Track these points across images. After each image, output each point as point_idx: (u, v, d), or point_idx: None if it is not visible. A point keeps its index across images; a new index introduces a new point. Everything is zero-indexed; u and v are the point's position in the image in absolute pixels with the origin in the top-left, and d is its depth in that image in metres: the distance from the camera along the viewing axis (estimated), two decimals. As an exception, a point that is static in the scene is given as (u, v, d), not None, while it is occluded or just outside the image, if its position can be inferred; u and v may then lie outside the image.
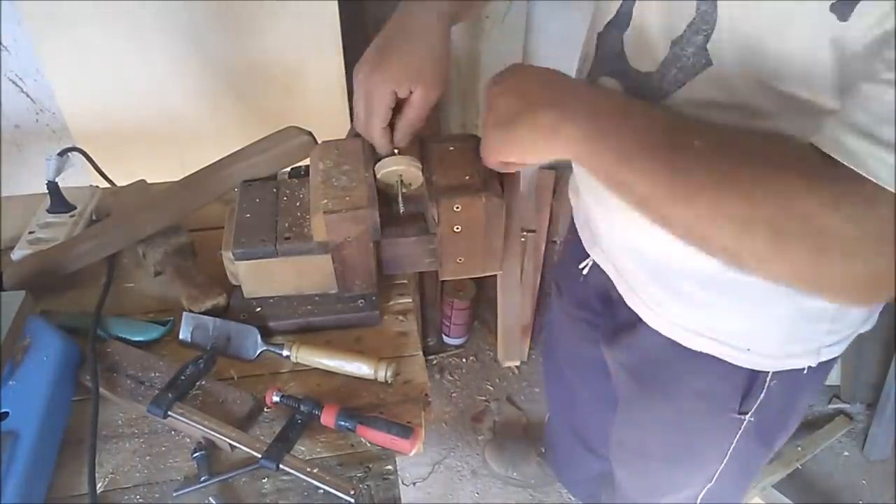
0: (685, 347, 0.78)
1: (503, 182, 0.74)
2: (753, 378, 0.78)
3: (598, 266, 0.90)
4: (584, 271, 0.95)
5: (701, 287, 0.73)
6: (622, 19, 0.68)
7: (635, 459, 1.03)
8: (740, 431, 0.84)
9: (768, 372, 0.77)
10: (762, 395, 0.79)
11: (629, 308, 0.84)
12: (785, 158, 0.50)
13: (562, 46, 1.02)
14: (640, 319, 0.82)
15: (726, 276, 0.69)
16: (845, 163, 0.46)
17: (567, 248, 1.05)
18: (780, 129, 0.57)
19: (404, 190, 0.76)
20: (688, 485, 0.96)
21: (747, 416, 0.82)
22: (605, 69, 0.71)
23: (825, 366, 0.79)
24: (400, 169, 0.75)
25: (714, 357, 0.77)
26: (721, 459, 0.89)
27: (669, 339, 0.79)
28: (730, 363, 0.77)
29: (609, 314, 0.92)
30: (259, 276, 0.79)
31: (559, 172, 1.84)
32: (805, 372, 0.77)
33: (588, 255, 0.92)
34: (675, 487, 0.99)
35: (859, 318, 0.76)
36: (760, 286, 0.67)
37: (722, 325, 0.75)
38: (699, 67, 0.59)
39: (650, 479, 1.02)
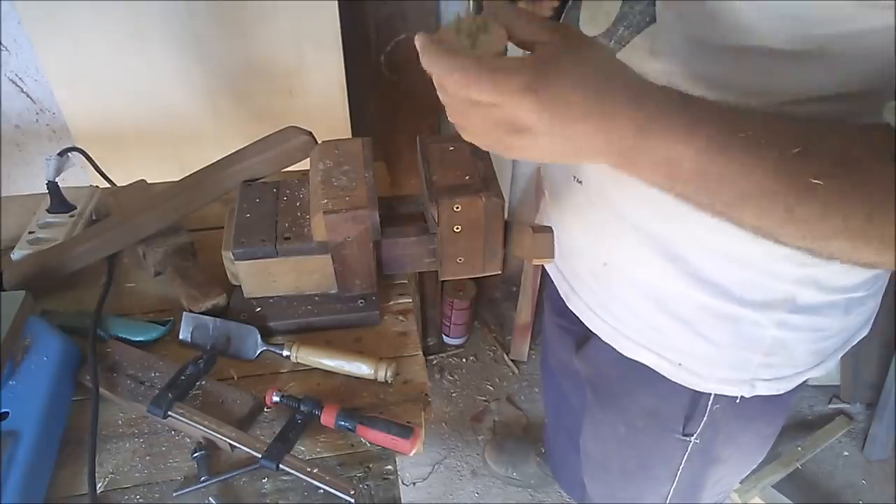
0: (629, 360, 0.77)
1: None
2: (696, 400, 0.77)
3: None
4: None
5: (640, 294, 0.72)
6: None
7: (598, 472, 1.03)
8: (686, 453, 0.84)
9: (710, 395, 0.76)
10: (705, 418, 0.78)
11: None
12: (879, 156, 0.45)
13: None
14: (595, 334, 0.81)
15: (663, 290, 0.69)
16: None
17: None
18: (723, 87, 0.54)
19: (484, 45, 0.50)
20: (645, 501, 0.96)
21: (692, 439, 0.81)
22: None
23: (774, 402, 0.77)
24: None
25: (656, 373, 0.76)
26: (672, 480, 0.88)
27: (614, 350, 0.79)
28: (670, 381, 0.76)
29: (577, 324, 0.91)
30: (259, 276, 0.79)
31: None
32: (743, 401, 0.75)
33: None
34: None
35: (801, 360, 0.74)
36: (697, 306, 0.68)
37: (658, 336, 0.74)
38: (643, 25, 0.58)
39: (611, 493, 1.02)
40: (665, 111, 0.45)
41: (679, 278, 0.67)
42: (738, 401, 0.75)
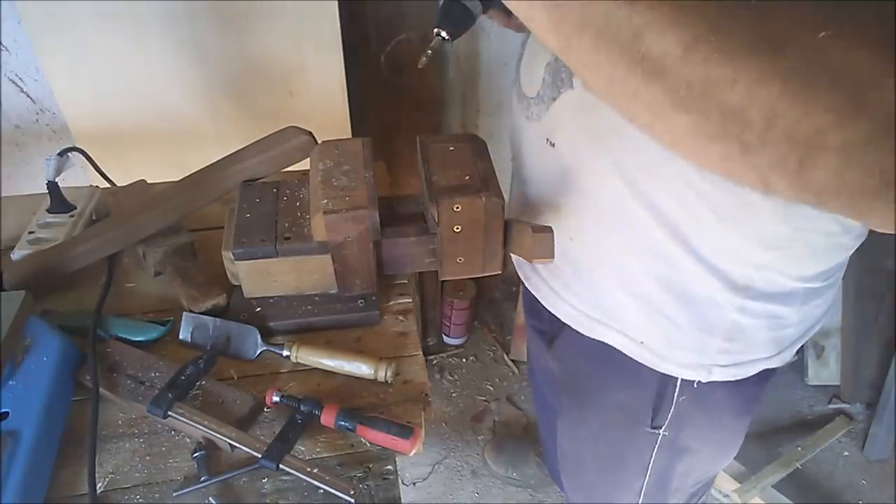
0: (596, 347, 0.78)
1: None
2: (662, 391, 0.79)
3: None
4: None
5: (604, 272, 0.73)
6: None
7: (575, 470, 1.04)
8: (656, 446, 0.85)
9: (676, 385, 0.77)
10: (672, 409, 0.80)
11: (554, 316, 0.84)
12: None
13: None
14: (564, 326, 0.82)
15: (628, 267, 0.71)
16: None
17: None
18: None
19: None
20: (620, 500, 0.97)
21: (661, 431, 0.83)
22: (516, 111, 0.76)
23: (737, 393, 0.78)
24: None
25: (622, 360, 0.77)
26: (644, 474, 0.89)
27: (582, 337, 0.79)
28: (636, 367, 0.77)
29: (548, 321, 0.92)
30: (259, 276, 0.79)
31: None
32: (696, 387, 0.77)
33: None
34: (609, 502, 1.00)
35: (759, 346, 0.75)
36: (657, 283, 0.70)
37: (621, 314, 0.75)
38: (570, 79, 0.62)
39: (588, 492, 1.03)
40: None
41: (642, 255, 0.69)
42: (695, 385, 0.77)
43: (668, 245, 0.67)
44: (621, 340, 0.77)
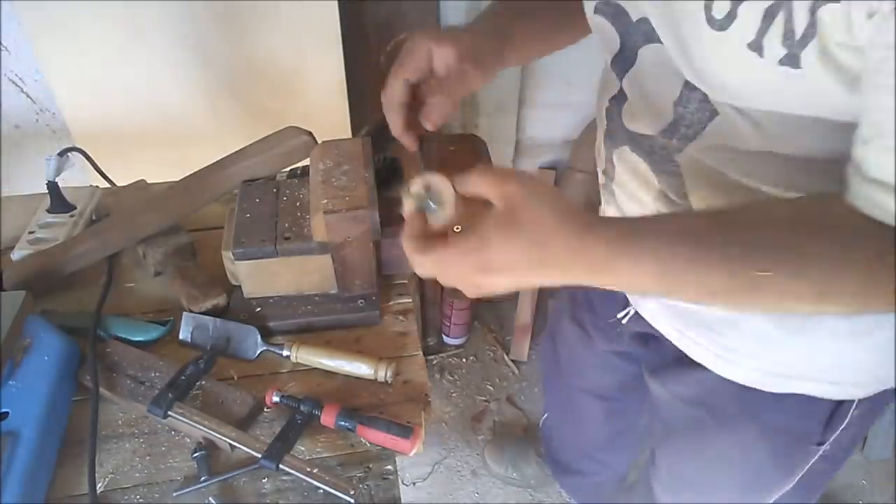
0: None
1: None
2: (836, 408, 0.76)
3: (639, 314, 0.86)
4: (624, 320, 0.92)
5: (776, 326, 0.70)
6: (621, 94, 0.69)
7: (690, 490, 1.00)
8: (814, 459, 0.82)
9: (853, 401, 0.75)
10: (844, 423, 0.77)
11: (672, 348, 0.81)
12: (849, 239, 0.48)
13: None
14: (692, 361, 0.79)
15: (803, 317, 0.68)
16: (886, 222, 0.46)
17: (594, 294, 1.01)
18: (795, 155, 0.57)
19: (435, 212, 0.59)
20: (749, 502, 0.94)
21: (823, 447, 0.79)
22: (618, 140, 0.72)
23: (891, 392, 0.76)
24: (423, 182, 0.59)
25: (796, 394, 0.74)
26: (787, 485, 0.87)
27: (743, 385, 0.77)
28: (815, 397, 0.74)
29: (654, 350, 0.89)
30: (259, 276, 0.79)
31: (559, 172, 1.84)
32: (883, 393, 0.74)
33: (629, 304, 0.88)
34: None
35: None
36: (844, 322, 0.67)
37: (806, 362, 0.72)
38: (705, 120, 0.60)
39: (705, 498, 0.98)
40: (610, 254, 0.50)
41: None
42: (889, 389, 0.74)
43: None
44: (809, 386, 0.73)
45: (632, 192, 0.73)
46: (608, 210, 0.80)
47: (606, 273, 0.51)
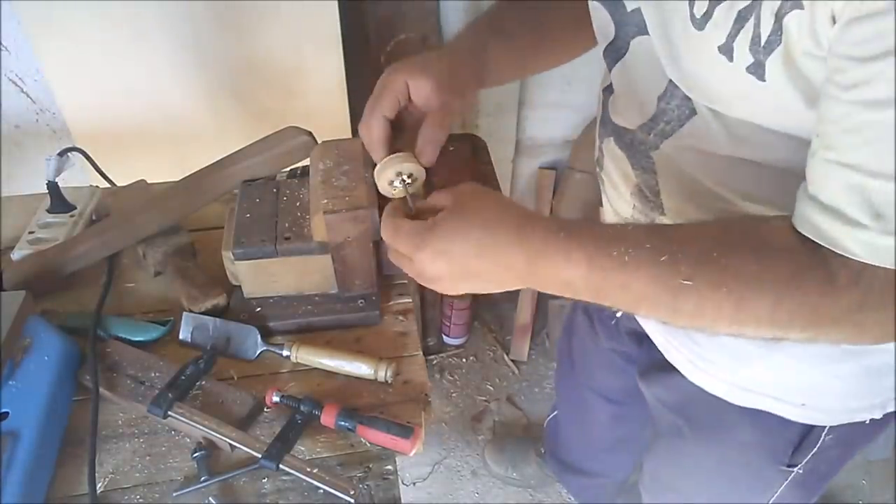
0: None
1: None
2: (807, 432, 0.75)
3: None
4: (618, 313, 0.93)
5: (749, 342, 0.70)
6: (611, 87, 0.70)
7: (668, 495, 1.00)
8: (786, 482, 0.82)
9: (824, 427, 0.75)
10: (815, 448, 0.77)
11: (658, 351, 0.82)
12: (771, 255, 0.50)
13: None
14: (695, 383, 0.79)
15: None
16: (824, 245, 0.47)
17: None
18: (767, 167, 0.57)
19: (410, 189, 0.66)
20: None
21: (796, 469, 0.79)
22: (605, 131, 0.73)
23: (888, 417, 0.75)
24: (400, 168, 0.66)
25: (765, 412, 0.74)
26: None
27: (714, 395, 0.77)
28: (784, 418, 0.74)
29: (645, 351, 0.89)
30: (259, 276, 0.79)
31: (559, 172, 1.84)
32: (867, 423, 0.74)
33: None
34: None
35: None
36: (817, 346, 0.66)
37: (775, 381, 0.72)
38: (684, 118, 0.61)
39: None
40: (545, 244, 0.53)
41: None
42: (866, 422, 0.74)
43: None
44: (777, 405, 0.73)
45: (615, 182, 0.74)
46: (605, 204, 0.81)
47: (540, 263, 0.53)
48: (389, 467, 0.68)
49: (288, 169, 0.89)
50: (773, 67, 0.48)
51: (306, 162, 0.86)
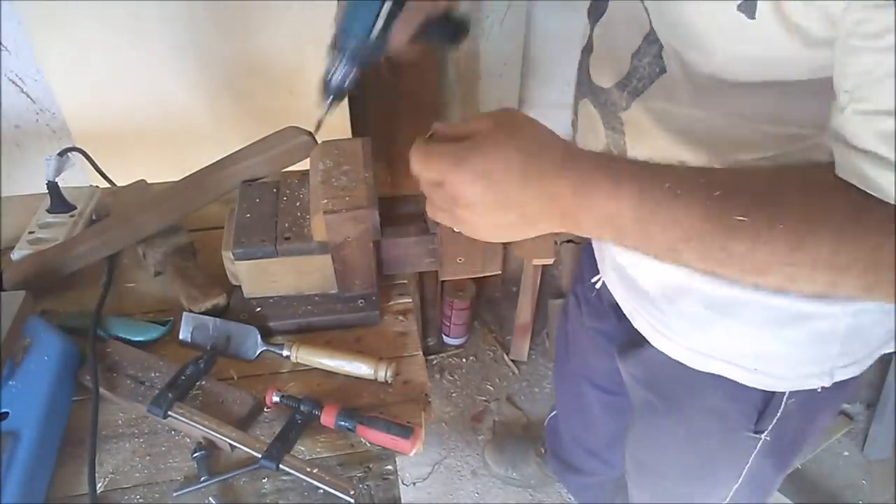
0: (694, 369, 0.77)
1: None
2: (769, 396, 0.77)
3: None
4: (597, 285, 0.94)
5: (706, 307, 0.72)
6: (589, 44, 0.71)
7: (649, 477, 1.02)
8: (756, 451, 0.83)
9: (784, 392, 0.76)
10: (779, 413, 0.78)
11: (632, 326, 0.83)
12: (828, 193, 0.48)
13: (562, 46, 1.02)
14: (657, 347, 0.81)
15: (731, 298, 0.69)
16: (870, 191, 0.45)
17: (584, 260, 1.05)
18: (732, 129, 0.57)
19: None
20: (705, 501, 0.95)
21: (763, 436, 0.80)
22: (582, 92, 0.74)
23: (842, 386, 0.76)
24: None
25: (726, 378, 0.76)
26: (735, 479, 0.87)
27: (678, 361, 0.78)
28: (741, 383, 0.75)
29: (623, 327, 0.91)
30: (259, 276, 0.79)
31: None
32: (820, 391, 0.75)
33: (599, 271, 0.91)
34: None
35: (876, 340, 0.75)
36: (767, 310, 0.68)
37: (729, 346, 0.74)
38: (654, 76, 0.61)
39: (664, 497, 1.00)
40: (595, 171, 0.50)
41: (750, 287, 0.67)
42: (819, 391, 0.75)
43: None
44: (731, 370, 0.74)
45: (587, 144, 0.75)
46: None
47: (588, 192, 0.50)
48: (389, 467, 0.68)
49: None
50: (763, 5, 0.48)
51: (306, 162, 0.86)
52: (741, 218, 0.47)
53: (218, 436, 0.65)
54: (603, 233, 0.52)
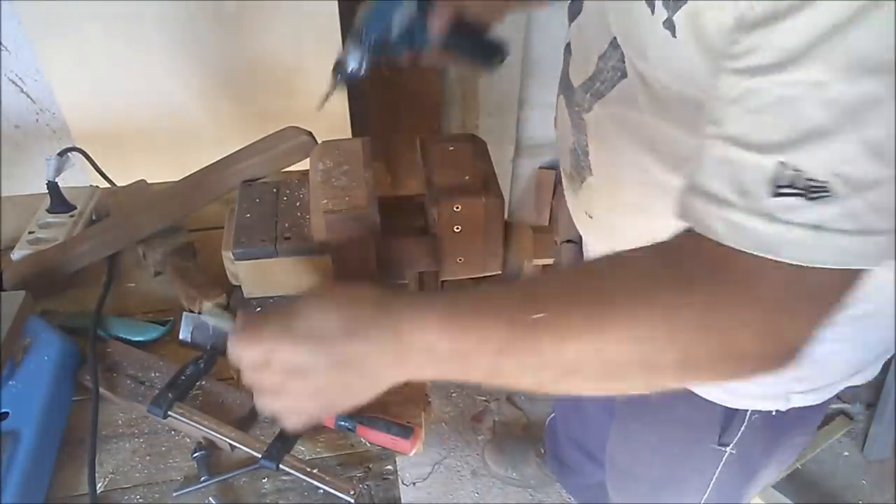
0: None
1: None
2: (732, 412, 0.77)
3: None
4: None
5: None
6: (569, 43, 0.72)
7: (626, 481, 1.03)
8: (721, 463, 0.83)
9: (747, 409, 0.76)
10: (742, 428, 0.78)
11: None
12: (624, 263, 0.48)
13: (562, 46, 1.02)
14: None
15: None
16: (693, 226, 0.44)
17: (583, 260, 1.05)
18: (686, 136, 0.56)
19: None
20: None
21: (728, 449, 0.80)
22: (561, 89, 0.74)
23: (809, 411, 0.76)
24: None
25: (690, 390, 0.76)
26: (703, 490, 0.88)
27: None
28: (703, 397, 0.75)
29: None
30: (259, 276, 0.79)
31: (559, 172, 1.84)
32: (774, 414, 0.75)
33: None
34: None
35: (837, 372, 0.73)
36: None
37: None
38: (616, 80, 0.61)
39: (638, 500, 1.01)
40: (405, 309, 0.50)
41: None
42: (773, 414, 0.75)
43: None
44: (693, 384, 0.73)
45: (563, 144, 0.75)
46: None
47: (402, 328, 0.49)
48: (389, 467, 0.68)
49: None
50: (679, 24, 0.47)
51: (306, 162, 0.86)
52: (538, 315, 0.46)
53: (218, 436, 0.65)
54: (435, 371, 0.51)
